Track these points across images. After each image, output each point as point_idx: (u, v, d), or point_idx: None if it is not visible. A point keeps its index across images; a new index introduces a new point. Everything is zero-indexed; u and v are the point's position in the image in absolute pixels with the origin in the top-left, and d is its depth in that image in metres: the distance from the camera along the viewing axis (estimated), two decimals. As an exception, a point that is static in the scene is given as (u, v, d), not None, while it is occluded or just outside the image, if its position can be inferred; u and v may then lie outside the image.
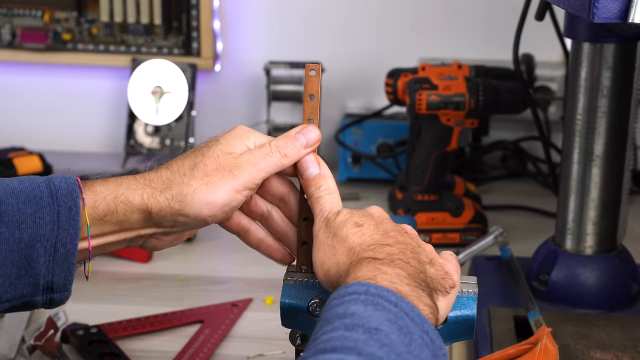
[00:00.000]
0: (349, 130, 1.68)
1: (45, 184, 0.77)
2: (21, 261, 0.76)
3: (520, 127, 1.77)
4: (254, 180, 0.80)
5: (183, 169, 0.80)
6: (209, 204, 0.79)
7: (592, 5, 0.88)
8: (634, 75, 1.10)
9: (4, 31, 1.78)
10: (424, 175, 1.43)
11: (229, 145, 0.81)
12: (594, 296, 1.13)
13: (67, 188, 0.77)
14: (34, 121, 1.86)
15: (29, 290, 0.77)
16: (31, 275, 0.76)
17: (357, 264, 0.73)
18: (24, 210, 0.76)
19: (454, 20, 1.78)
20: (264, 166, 0.80)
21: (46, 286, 0.77)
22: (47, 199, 0.76)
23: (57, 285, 0.78)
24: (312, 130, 0.83)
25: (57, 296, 0.79)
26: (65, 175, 0.79)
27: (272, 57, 1.76)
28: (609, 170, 1.12)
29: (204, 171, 0.79)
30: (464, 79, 1.41)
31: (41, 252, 0.76)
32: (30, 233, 0.75)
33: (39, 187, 0.77)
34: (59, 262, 0.77)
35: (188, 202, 0.78)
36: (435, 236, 1.43)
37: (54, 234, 0.76)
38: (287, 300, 0.81)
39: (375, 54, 1.79)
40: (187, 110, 1.74)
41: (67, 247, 0.77)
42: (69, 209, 0.76)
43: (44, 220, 0.76)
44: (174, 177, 0.79)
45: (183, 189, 0.79)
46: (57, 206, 0.76)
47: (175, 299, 1.24)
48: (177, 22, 1.77)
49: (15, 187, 0.77)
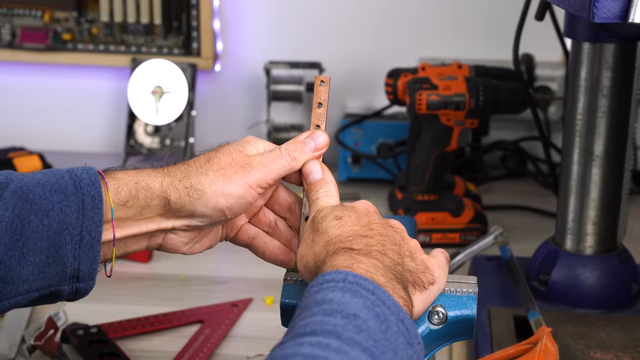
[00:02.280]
0: (349, 130, 1.68)
1: (69, 175, 0.80)
2: (50, 249, 0.77)
3: (520, 127, 1.77)
4: (265, 179, 0.83)
5: (198, 162, 0.83)
6: (226, 195, 0.81)
7: (592, 5, 0.88)
8: (634, 75, 1.10)
9: (4, 31, 1.78)
10: (424, 175, 1.43)
11: (239, 146, 0.84)
12: (594, 296, 1.13)
13: (90, 178, 0.80)
14: (34, 121, 1.86)
15: (56, 279, 0.79)
16: (59, 264, 0.78)
17: (334, 254, 0.74)
18: (51, 199, 0.78)
19: (454, 20, 1.78)
20: (274, 167, 0.83)
21: (73, 275, 0.79)
22: (71, 188, 0.78)
23: (82, 274, 0.79)
24: (321, 135, 0.86)
25: (82, 285, 0.80)
26: (85, 167, 0.82)
27: (272, 57, 1.76)
28: (609, 170, 1.12)
29: (219, 164, 0.82)
30: (464, 79, 1.41)
31: (68, 239, 0.78)
32: (58, 221, 0.77)
33: (63, 178, 0.79)
34: (85, 249, 0.78)
35: (206, 190, 0.81)
36: (435, 236, 1.43)
37: (80, 222, 0.78)
38: (287, 300, 0.81)
39: (375, 53, 1.79)
40: (187, 110, 1.74)
41: (92, 234, 0.78)
42: (92, 197, 0.78)
43: (70, 209, 0.78)
44: (191, 169, 0.82)
45: (201, 179, 0.81)
46: (82, 195, 0.78)
47: (175, 299, 1.24)
48: (177, 22, 1.77)
49: (40, 179, 0.79)
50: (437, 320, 0.77)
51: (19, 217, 0.76)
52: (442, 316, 0.77)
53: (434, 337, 0.77)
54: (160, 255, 1.36)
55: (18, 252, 0.76)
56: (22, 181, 0.78)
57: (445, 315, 0.77)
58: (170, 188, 0.81)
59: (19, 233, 0.76)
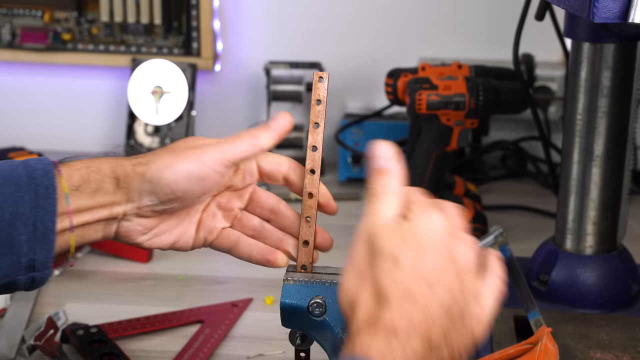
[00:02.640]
0: (349, 130, 1.68)
1: (22, 166, 0.80)
2: (3, 240, 0.78)
3: (520, 127, 1.77)
4: (224, 155, 0.82)
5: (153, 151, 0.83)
6: (169, 167, 0.80)
7: (592, 5, 0.88)
8: (634, 75, 1.10)
9: (4, 31, 1.78)
10: (424, 175, 1.43)
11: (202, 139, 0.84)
12: (594, 296, 1.13)
13: (44, 169, 0.80)
14: (34, 121, 1.86)
15: (11, 269, 0.79)
16: (13, 254, 0.78)
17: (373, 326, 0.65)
18: (4, 191, 0.78)
19: (454, 20, 1.78)
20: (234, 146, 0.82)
21: (28, 264, 0.79)
22: (25, 179, 0.79)
23: (38, 264, 0.79)
24: (283, 117, 0.86)
25: (38, 275, 0.80)
26: (40, 157, 0.82)
27: (272, 57, 1.76)
28: (609, 170, 1.12)
29: (172, 147, 0.82)
30: (464, 79, 1.41)
31: (22, 230, 0.78)
32: (11, 212, 0.78)
33: (17, 169, 0.79)
34: (39, 239, 0.79)
35: (151, 165, 0.81)
36: (435, 236, 1.43)
37: (33, 212, 0.78)
38: (287, 300, 0.81)
39: (375, 53, 1.79)
40: (187, 110, 1.74)
41: (46, 224, 0.79)
42: (46, 187, 0.79)
43: (23, 199, 0.78)
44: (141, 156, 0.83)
45: (148, 156, 0.82)
46: (35, 185, 0.79)
47: (175, 299, 1.24)
48: (177, 22, 1.77)
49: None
50: (437, 321, 0.77)
51: None
52: (442, 316, 0.77)
53: (434, 337, 0.77)
54: (160, 255, 1.36)
55: None
56: None
57: (445, 316, 0.77)
58: (118, 167, 0.81)
59: None
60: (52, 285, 1.26)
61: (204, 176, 0.81)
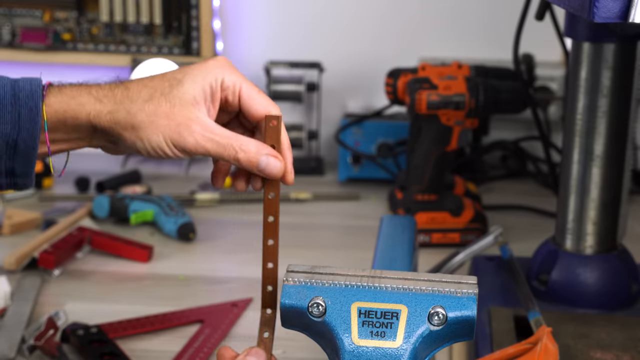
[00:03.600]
0: (349, 130, 1.68)
1: (10, 85, 0.81)
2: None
3: (520, 127, 1.77)
4: (192, 150, 0.81)
5: (138, 95, 0.81)
6: (143, 139, 0.80)
7: (593, 5, 0.88)
8: (634, 75, 1.10)
9: (4, 31, 1.78)
10: (424, 175, 1.43)
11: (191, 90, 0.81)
12: (594, 296, 1.13)
13: (30, 90, 0.80)
14: (34, 121, 1.86)
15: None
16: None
17: None
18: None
19: (454, 20, 1.78)
20: (210, 149, 0.81)
21: (7, 171, 0.80)
22: (9, 99, 0.80)
23: (18, 172, 0.81)
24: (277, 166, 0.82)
25: (19, 180, 0.81)
26: (32, 78, 0.83)
27: (272, 57, 1.76)
28: (609, 170, 1.12)
29: (155, 110, 0.80)
30: (464, 78, 1.41)
31: (2, 145, 0.79)
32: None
33: (4, 88, 0.80)
34: (20, 154, 0.80)
35: (128, 131, 0.81)
36: (435, 236, 1.43)
37: (15, 132, 0.79)
38: (287, 300, 0.81)
39: (375, 53, 1.79)
40: (187, 110, 1.73)
41: (28, 143, 0.80)
42: (29, 109, 0.80)
43: (5, 119, 0.79)
44: (125, 101, 0.81)
45: (128, 118, 0.81)
46: (19, 107, 0.80)
47: (175, 299, 1.24)
48: (177, 22, 1.77)
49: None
50: (437, 321, 0.77)
51: None
52: (442, 317, 0.77)
53: (434, 338, 0.77)
54: (160, 255, 1.36)
55: None
56: None
57: (445, 316, 0.77)
58: (96, 119, 0.81)
59: None
60: (52, 285, 1.26)
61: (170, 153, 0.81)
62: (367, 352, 0.76)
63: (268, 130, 0.82)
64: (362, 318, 0.77)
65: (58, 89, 0.83)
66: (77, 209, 1.50)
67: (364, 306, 0.78)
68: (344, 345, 0.76)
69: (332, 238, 1.46)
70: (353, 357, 0.76)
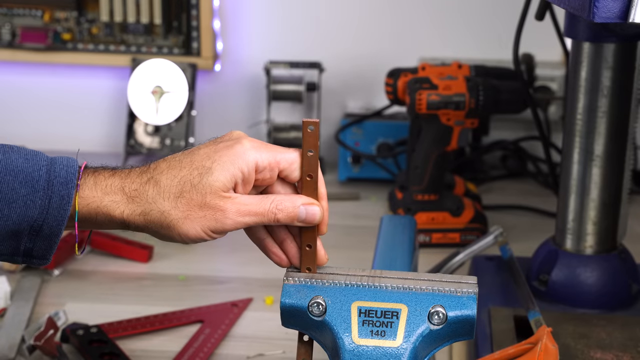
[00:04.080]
0: (349, 130, 1.68)
1: (46, 168, 0.80)
2: (7, 234, 0.79)
3: (520, 127, 1.77)
4: (232, 228, 0.80)
5: (169, 193, 0.80)
6: (181, 234, 0.80)
7: (593, 5, 0.88)
8: (634, 75, 1.10)
9: (4, 31, 1.78)
10: (424, 175, 1.43)
11: (222, 177, 0.79)
12: (594, 296, 1.13)
13: (66, 177, 0.79)
14: (34, 121, 1.86)
15: (9, 251, 0.80)
16: (14, 241, 0.79)
17: None
18: (19, 191, 0.78)
19: (454, 20, 1.78)
20: (250, 221, 0.80)
21: (26, 252, 0.80)
22: (43, 183, 0.79)
23: (36, 253, 0.80)
24: (316, 212, 0.81)
25: (36, 261, 0.81)
26: (69, 160, 0.81)
27: (272, 57, 1.76)
28: (609, 170, 1.12)
29: (188, 204, 0.79)
30: (464, 78, 1.41)
31: (27, 229, 0.79)
32: (20, 213, 0.78)
33: (39, 170, 0.79)
34: (42, 238, 0.80)
35: (164, 228, 0.80)
36: (435, 236, 1.43)
37: (42, 218, 0.78)
38: (287, 300, 0.81)
39: (375, 53, 1.79)
40: (187, 110, 1.74)
41: (53, 229, 0.79)
42: (61, 197, 0.79)
43: (35, 204, 0.78)
44: (157, 200, 0.80)
45: (162, 218, 0.79)
46: (51, 192, 0.79)
47: (175, 299, 1.24)
48: (177, 22, 1.77)
49: (17, 166, 0.79)
50: (437, 321, 0.77)
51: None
52: (442, 316, 0.77)
53: (434, 337, 0.77)
54: (160, 255, 1.36)
55: None
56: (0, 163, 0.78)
57: (445, 316, 0.77)
58: (129, 218, 0.80)
59: None
60: (52, 285, 1.26)
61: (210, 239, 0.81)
62: (367, 351, 0.76)
63: (305, 135, 0.81)
64: (362, 317, 0.77)
65: (93, 181, 0.81)
66: (77, 209, 1.50)
67: (364, 305, 0.78)
68: (344, 345, 0.76)
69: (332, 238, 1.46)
70: (353, 356, 0.76)
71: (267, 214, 0.80)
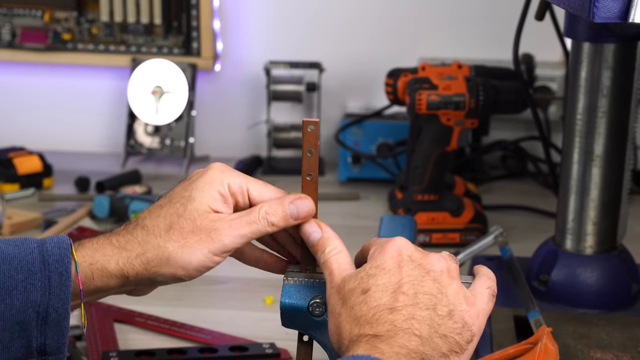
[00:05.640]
0: (349, 130, 1.68)
1: (38, 250, 0.78)
2: (14, 326, 0.76)
3: (520, 127, 1.77)
4: (232, 245, 0.79)
5: (159, 229, 0.79)
6: (184, 266, 0.79)
7: (593, 5, 0.88)
8: (634, 75, 1.10)
9: (4, 31, 1.78)
10: (424, 175, 1.43)
11: (204, 200, 0.79)
12: (594, 296, 1.13)
13: (59, 253, 0.77)
14: (34, 121, 1.86)
15: (22, 352, 0.77)
16: (24, 338, 0.77)
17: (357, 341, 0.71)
18: (16, 277, 0.76)
19: (454, 20, 1.78)
20: (246, 232, 0.79)
21: (39, 349, 0.77)
22: (38, 264, 0.77)
23: (50, 348, 0.78)
24: (306, 204, 0.81)
25: (51, 359, 0.78)
26: (59, 237, 0.79)
27: (272, 57, 1.76)
28: (609, 170, 1.12)
29: (181, 233, 0.78)
30: (464, 78, 1.41)
31: (33, 316, 0.76)
32: (22, 299, 0.76)
33: (32, 253, 0.77)
34: (51, 325, 0.77)
35: (163, 265, 0.78)
36: (435, 236, 1.43)
37: (45, 300, 0.76)
38: (287, 300, 0.81)
39: (375, 53, 1.79)
40: (187, 110, 1.74)
41: (59, 312, 0.77)
42: (59, 274, 0.77)
43: (35, 287, 0.76)
44: (149, 239, 0.79)
45: (159, 253, 0.78)
46: (49, 272, 0.77)
47: (175, 298, 1.23)
48: (177, 22, 1.77)
49: (9, 253, 0.77)
50: (437, 320, 0.77)
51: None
52: (442, 316, 0.77)
53: (434, 337, 0.77)
54: (160, 255, 1.36)
55: None
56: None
57: (445, 315, 0.77)
58: (126, 266, 0.78)
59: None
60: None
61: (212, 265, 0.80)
62: (367, 352, 0.75)
63: (305, 135, 0.81)
64: (362, 318, 0.77)
65: (78, 244, 0.80)
66: (77, 209, 1.50)
67: (364, 306, 0.77)
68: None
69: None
70: (353, 356, 0.76)
71: (260, 222, 0.79)
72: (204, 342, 1.10)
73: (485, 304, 0.75)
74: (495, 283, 0.77)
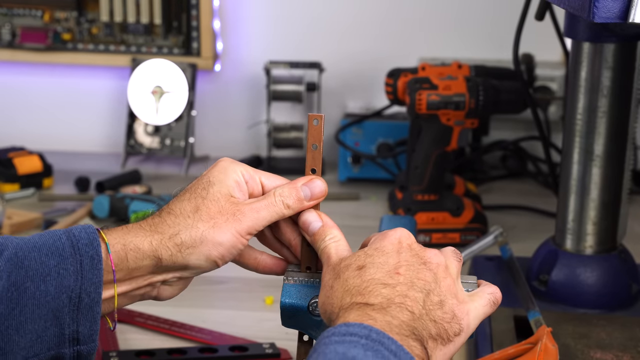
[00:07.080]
0: (349, 130, 1.68)
1: (66, 236, 0.78)
2: (48, 314, 0.76)
3: (520, 127, 1.77)
4: (255, 227, 0.81)
5: (186, 211, 0.80)
6: (217, 245, 0.79)
7: (593, 5, 0.88)
8: (634, 75, 1.10)
9: (4, 31, 1.78)
10: (424, 175, 1.43)
11: (223, 185, 0.81)
12: (594, 296, 1.13)
13: (88, 237, 0.78)
14: (34, 121, 1.86)
15: (55, 342, 0.77)
16: (56, 326, 0.76)
17: (348, 308, 0.72)
18: (48, 263, 0.76)
19: (454, 20, 1.78)
20: (266, 214, 0.81)
21: (72, 337, 0.77)
22: (69, 249, 0.77)
23: (82, 336, 0.77)
24: (318, 184, 0.83)
25: (84, 348, 0.78)
26: (84, 225, 0.80)
27: (272, 57, 1.76)
28: (609, 170, 1.12)
29: (208, 214, 0.80)
30: (464, 78, 1.41)
31: (66, 302, 0.76)
32: (56, 285, 0.76)
33: (60, 239, 0.77)
34: (84, 311, 0.77)
35: (198, 245, 0.79)
36: (435, 236, 1.43)
37: (78, 284, 0.76)
38: (287, 300, 0.81)
39: (375, 53, 1.79)
40: (187, 110, 1.74)
41: (92, 296, 0.77)
42: (91, 258, 0.77)
43: (68, 271, 0.76)
44: (179, 221, 0.80)
45: (192, 233, 0.79)
46: (80, 256, 0.77)
47: (175, 298, 1.23)
48: (177, 22, 1.77)
49: (36, 242, 0.77)
50: (437, 320, 0.77)
51: (15, 285, 0.74)
52: (442, 316, 0.77)
53: (434, 337, 0.77)
54: (160, 255, 1.36)
55: (15, 321, 0.74)
56: (18, 246, 0.76)
57: (445, 315, 0.77)
58: (160, 247, 0.79)
59: (15, 301, 0.74)
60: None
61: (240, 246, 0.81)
62: (367, 352, 0.75)
63: (310, 129, 0.82)
64: (362, 317, 0.77)
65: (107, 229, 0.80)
66: (77, 209, 1.50)
67: (364, 306, 0.77)
68: (344, 345, 0.76)
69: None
70: (353, 356, 0.75)
71: (277, 204, 0.81)
72: (204, 342, 1.11)
73: (481, 306, 0.76)
74: (500, 296, 0.79)
